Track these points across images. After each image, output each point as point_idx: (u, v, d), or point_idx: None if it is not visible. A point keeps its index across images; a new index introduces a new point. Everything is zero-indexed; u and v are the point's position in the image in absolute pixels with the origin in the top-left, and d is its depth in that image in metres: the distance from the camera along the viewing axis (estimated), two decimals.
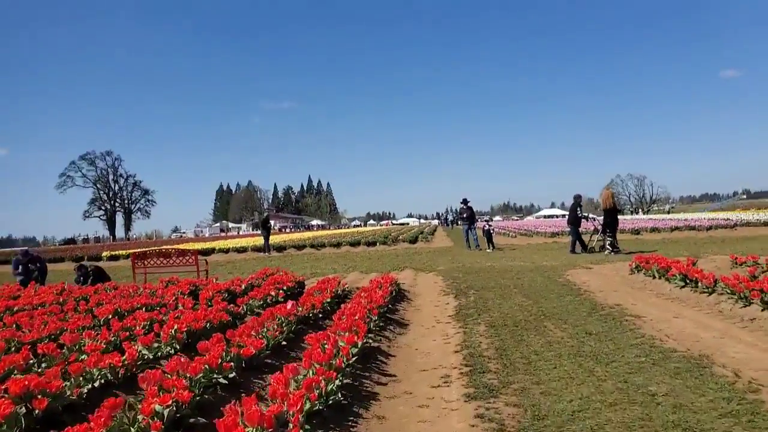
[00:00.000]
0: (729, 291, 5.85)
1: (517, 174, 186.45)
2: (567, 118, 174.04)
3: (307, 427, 2.84)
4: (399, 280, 9.36)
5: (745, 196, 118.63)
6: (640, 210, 78.75)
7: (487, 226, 16.60)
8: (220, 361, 3.72)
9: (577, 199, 14.77)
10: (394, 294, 7.31)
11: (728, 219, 23.85)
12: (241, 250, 22.81)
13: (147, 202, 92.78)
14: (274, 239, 25.11)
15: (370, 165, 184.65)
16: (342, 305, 6.18)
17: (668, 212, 69.23)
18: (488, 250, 15.95)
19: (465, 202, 17.13)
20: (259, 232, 27.79)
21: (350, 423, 3.27)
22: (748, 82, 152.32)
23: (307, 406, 2.99)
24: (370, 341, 5.03)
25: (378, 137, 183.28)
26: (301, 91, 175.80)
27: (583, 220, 14.36)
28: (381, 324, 5.76)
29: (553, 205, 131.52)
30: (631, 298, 6.85)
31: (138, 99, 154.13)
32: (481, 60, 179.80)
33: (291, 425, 2.67)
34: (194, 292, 7.58)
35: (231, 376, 3.75)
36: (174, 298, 6.93)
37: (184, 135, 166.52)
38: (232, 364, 3.82)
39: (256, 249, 22.39)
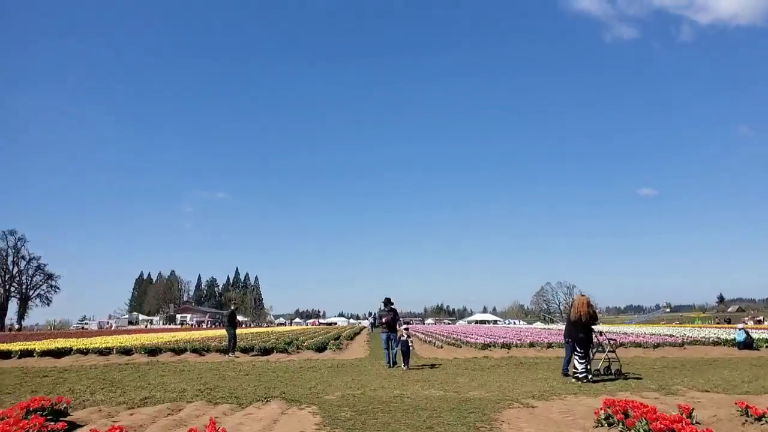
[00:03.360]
0: None
1: (452, 275, 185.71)
2: (502, 223, 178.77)
3: None
4: (242, 426, 5.93)
5: (668, 309, 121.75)
6: None
7: (405, 336, 13.30)
8: None
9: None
10: None
11: (673, 335, 21.70)
12: (106, 351, 18.08)
13: (49, 288, 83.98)
14: (127, 340, 20.46)
15: (303, 260, 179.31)
16: None
17: None
18: (403, 368, 12.64)
19: (387, 302, 13.54)
20: (170, 326, 23.11)
21: None
22: (663, 199, 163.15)
23: None
24: None
25: (312, 232, 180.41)
26: (236, 182, 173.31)
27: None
28: None
29: (485, 310, 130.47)
30: None
31: (55, 176, 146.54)
32: (418, 165, 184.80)
33: None
34: None
35: None
36: None
37: (109, 217, 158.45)
38: None
39: (216, 350, 18.02)
